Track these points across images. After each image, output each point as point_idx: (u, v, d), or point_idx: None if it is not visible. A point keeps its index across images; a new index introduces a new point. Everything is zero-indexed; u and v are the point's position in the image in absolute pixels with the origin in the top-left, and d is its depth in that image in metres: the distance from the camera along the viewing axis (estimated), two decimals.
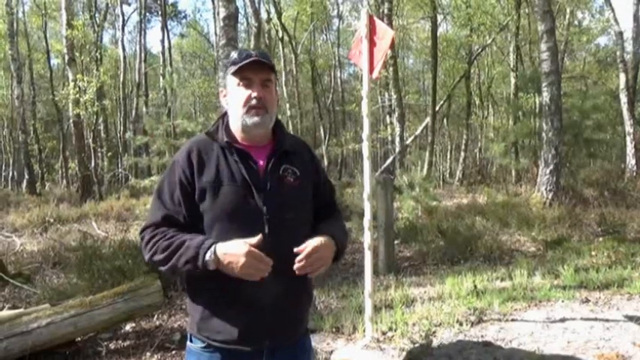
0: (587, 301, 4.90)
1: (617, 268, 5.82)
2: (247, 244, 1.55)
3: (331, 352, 3.92)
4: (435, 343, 4.02)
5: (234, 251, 1.54)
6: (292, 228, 1.70)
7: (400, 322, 4.31)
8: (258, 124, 1.73)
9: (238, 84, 1.73)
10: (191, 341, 1.79)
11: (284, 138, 1.82)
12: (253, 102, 1.71)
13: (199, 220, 1.68)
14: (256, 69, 1.71)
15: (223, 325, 1.68)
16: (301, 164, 1.81)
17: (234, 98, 1.74)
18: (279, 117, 1.84)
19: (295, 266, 1.61)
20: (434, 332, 4.20)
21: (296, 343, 1.82)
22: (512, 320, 4.46)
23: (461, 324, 4.34)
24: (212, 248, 1.57)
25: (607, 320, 4.36)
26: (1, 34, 23.38)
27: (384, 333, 4.17)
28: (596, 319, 4.39)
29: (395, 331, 4.19)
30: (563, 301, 4.89)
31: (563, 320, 4.40)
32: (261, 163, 1.74)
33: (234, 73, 1.73)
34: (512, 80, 21.05)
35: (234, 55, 1.76)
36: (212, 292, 1.69)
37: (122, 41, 26.34)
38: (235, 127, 1.78)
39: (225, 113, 1.83)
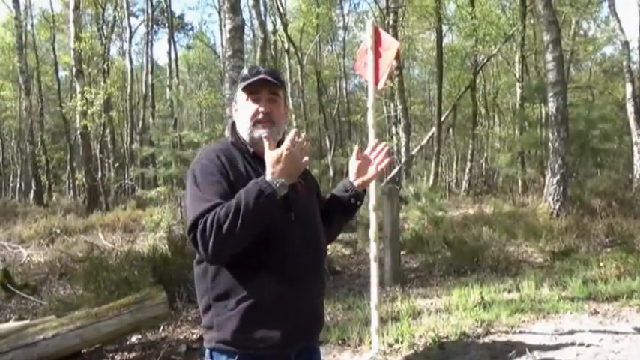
0: (596, 312, 4.85)
1: (626, 279, 5.74)
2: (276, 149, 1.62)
3: None
4: (442, 355, 3.98)
5: (281, 164, 1.59)
6: (315, 227, 1.84)
7: (407, 333, 4.27)
8: (264, 137, 1.75)
9: (247, 99, 1.81)
10: (211, 357, 1.75)
11: None
12: (260, 116, 1.78)
13: None
14: (264, 84, 1.79)
15: (265, 330, 1.67)
16: (303, 172, 1.86)
17: (243, 112, 1.81)
18: (285, 127, 1.90)
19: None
20: (441, 344, 4.17)
21: (314, 346, 1.91)
22: (520, 332, 4.42)
23: (468, 336, 4.30)
24: (266, 178, 1.60)
25: (616, 332, 4.31)
26: (10, 46, 23.71)
27: (390, 345, 4.15)
28: (605, 332, 4.34)
29: (402, 343, 4.16)
30: (571, 313, 4.84)
31: (571, 332, 4.35)
32: None
33: (244, 89, 1.80)
34: (518, 90, 21.03)
35: (244, 71, 1.84)
36: (250, 300, 1.66)
37: (129, 53, 26.58)
38: (244, 140, 1.84)
39: (233, 124, 1.89)
